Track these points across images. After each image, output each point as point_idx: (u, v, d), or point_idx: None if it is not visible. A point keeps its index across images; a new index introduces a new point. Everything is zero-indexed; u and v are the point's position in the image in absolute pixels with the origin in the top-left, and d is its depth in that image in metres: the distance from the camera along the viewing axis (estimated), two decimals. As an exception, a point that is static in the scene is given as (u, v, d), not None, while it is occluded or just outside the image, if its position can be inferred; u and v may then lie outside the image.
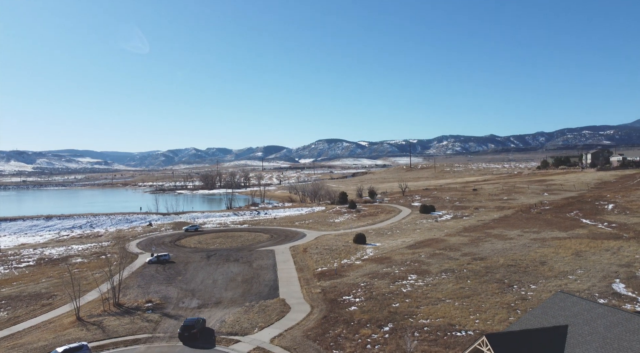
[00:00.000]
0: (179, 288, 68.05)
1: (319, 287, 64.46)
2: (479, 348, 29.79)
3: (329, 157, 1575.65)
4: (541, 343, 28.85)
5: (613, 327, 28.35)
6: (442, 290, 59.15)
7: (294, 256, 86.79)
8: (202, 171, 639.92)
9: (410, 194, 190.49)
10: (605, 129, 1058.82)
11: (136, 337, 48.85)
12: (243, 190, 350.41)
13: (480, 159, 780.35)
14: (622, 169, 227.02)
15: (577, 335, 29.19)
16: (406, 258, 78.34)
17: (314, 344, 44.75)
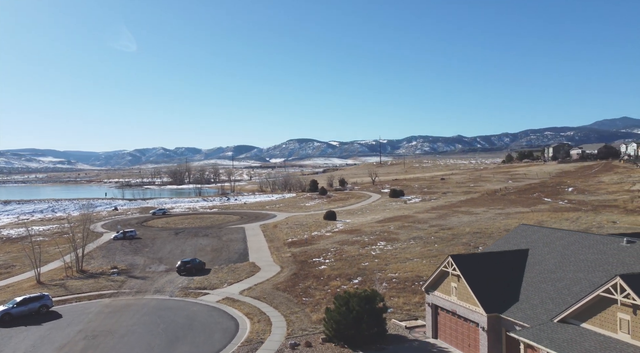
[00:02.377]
0: (146, 256, 66.69)
1: (289, 252, 64.44)
2: (445, 270, 30.51)
3: (300, 157, 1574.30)
4: (503, 262, 29.80)
5: (570, 245, 29.58)
6: (410, 252, 60.15)
7: (264, 231, 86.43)
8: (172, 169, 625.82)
9: (380, 184, 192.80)
10: (566, 130, 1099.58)
11: (101, 293, 47.62)
12: (213, 185, 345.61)
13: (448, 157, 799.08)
14: (581, 162, 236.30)
15: (537, 254, 30.31)
16: (376, 229, 79.24)
17: (284, 294, 44.71)
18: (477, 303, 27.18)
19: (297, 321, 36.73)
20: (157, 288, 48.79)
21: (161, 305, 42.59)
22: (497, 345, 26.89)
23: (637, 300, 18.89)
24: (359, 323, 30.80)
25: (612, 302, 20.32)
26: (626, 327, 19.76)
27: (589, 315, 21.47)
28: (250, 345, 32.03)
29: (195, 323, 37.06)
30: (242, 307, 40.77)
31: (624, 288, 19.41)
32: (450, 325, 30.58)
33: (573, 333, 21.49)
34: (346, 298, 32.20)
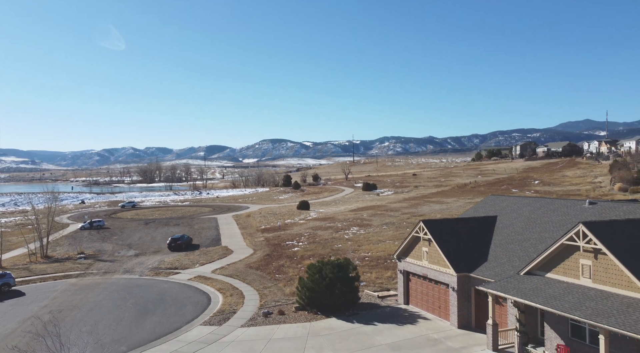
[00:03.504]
0: (114, 243, 65.02)
1: (262, 237, 64.07)
2: (416, 235, 30.96)
3: (273, 157, 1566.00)
4: (472, 227, 30.49)
5: (536, 210, 30.54)
6: (382, 236, 60.76)
7: (237, 220, 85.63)
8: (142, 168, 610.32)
9: (354, 180, 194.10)
10: (532, 132, 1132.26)
11: (67, 274, 46.17)
12: (185, 183, 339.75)
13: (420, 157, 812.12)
14: (547, 159, 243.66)
15: (505, 220, 31.15)
16: (349, 217, 79.70)
17: (257, 271, 44.42)
18: (447, 264, 27.71)
19: (270, 294, 36.56)
20: (127, 269, 47.67)
21: (130, 283, 41.65)
22: (466, 304, 27.47)
23: (598, 245, 19.64)
24: (332, 290, 30.92)
25: (575, 249, 21.07)
26: (588, 272, 20.52)
27: (553, 264, 22.19)
28: (222, 315, 31.68)
29: (166, 298, 36.40)
30: (215, 284, 40.30)
31: (586, 234, 20.16)
32: (422, 290, 31.05)
33: (538, 283, 22.17)
34: (319, 267, 32.27)
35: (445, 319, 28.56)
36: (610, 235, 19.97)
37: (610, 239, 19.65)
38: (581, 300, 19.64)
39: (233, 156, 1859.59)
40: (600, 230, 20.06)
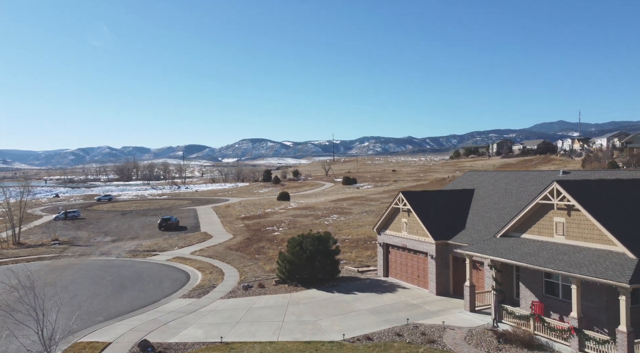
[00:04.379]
0: (90, 231, 63.70)
1: (242, 224, 63.71)
2: (396, 207, 31.27)
3: (253, 156, 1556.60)
4: (451, 199, 30.97)
5: (512, 182, 31.20)
6: (362, 222, 61.09)
7: (216, 210, 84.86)
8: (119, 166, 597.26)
9: (334, 175, 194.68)
10: (508, 132, 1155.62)
11: (40, 256, 45.02)
12: (163, 181, 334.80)
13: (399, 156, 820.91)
14: (522, 156, 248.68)
15: (483, 192, 31.73)
16: (329, 206, 79.88)
17: (237, 252, 44.16)
18: (426, 233, 28.06)
19: (250, 271, 36.39)
20: (103, 252, 46.80)
21: (107, 264, 40.89)
22: (445, 271, 27.88)
23: (571, 201, 20.19)
24: (312, 262, 30.96)
25: (549, 208, 21.60)
26: (561, 229, 21.06)
27: (528, 225, 22.70)
28: (202, 289, 31.39)
29: (143, 276, 35.86)
30: (194, 263, 39.90)
31: (560, 192, 20.69)
32: (401, 261, 31.38)
33: (514, 243, 22.66)
34: (299, 240, 32.30)
35: (424, 288, 28.92)
36: (582, 192, 20.56)
37: (583, 195, 20.22)
38: (555, 255, 20.16)
39: (212, 156, 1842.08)
40: (574, 188, 20.62)
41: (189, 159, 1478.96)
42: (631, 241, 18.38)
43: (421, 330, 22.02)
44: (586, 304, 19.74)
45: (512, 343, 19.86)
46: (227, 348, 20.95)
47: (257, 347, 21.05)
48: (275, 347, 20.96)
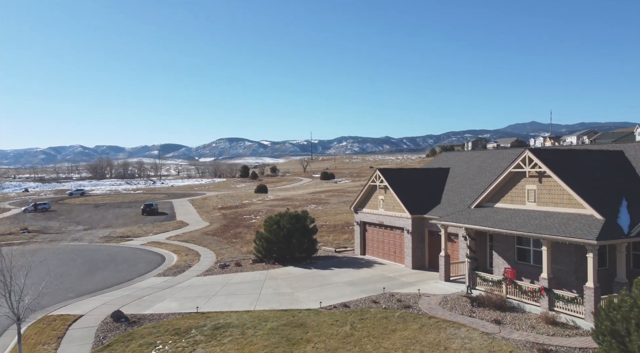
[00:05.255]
0: (61, 221, 62.07)
1: (219, 213, 63.13)
2: (373, 184, 31.51)
3: (230, 156, 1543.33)
4: (426, 176, 31.40)
5: (486, 160, 31.81)
6: (340, 210, 61.33)
7: (193, 203, 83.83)
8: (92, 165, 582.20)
9: (312, 171, 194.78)
10: (483, 133, 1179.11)
11: (9, 242, 43.60)
12: (138, 179, 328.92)
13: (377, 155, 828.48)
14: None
15: (458, 170, 32.27)
16: (307, 197, 79.91)
17: (213, 237, 43.72)
18: (403, 208, 28.36)
19: (227, 253, 36.07)
20: (75, 238, 45.69)
21: (79, 248, 39.95)
22: (421, 245, 28.24)
23: (542, 168, 20.71)
24: (290, 240, 30.90)
25: (521, 176, 22.10)
26: (533, 196, 21.60)
27: (501, 195, 23.18)
28: (178, 269, 30.98)
29: (117, 258, 35.15)
30: (169, 247, 39.32)
31: (532, 159, 21.20)
32: (378, 238, 31.62)
33: (488, 212, 23.11)
34: (277, 219, 32.18)
35: (400, 263, 29.23)
36: (553, 159, 21.13)
37: (553, 162, 20.78)
38: (527, 220, 20.65)
39: (189, 155, 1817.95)
40: (545, 155, 21.17)
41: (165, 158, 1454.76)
42: (598, 204, 18.98)
43: (397, 297, 22.26)
44: (556, 267, 20.29)
45: (485, 306, 20.26)
46: (203, 317, 20.74)
47: (234, 315, 20.90)
48: (252, 314, 20.85)
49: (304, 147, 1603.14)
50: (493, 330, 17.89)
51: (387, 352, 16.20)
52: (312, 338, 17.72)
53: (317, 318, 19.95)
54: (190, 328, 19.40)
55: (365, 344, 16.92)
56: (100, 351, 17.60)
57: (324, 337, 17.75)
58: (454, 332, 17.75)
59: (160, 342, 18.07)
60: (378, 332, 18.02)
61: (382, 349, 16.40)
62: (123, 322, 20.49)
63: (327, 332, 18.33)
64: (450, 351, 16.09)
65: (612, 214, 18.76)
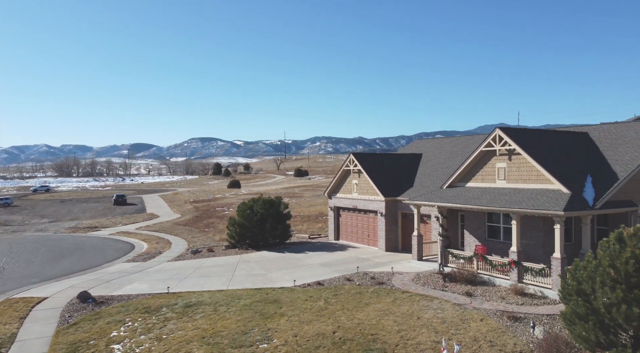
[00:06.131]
0: (24, 215, 59.77)
1: (191, 206, 62.13)
2: (347, 169, 31.58)
3: (203, 156, 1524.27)
4: (399, 161, 31.69)
5: (457, 145, 32.34)
6: (314, 203, 61.30)
7: (163, 197, 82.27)
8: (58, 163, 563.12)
9: (285, 169, 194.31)
10: (454, 134, 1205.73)
11: (-33, 234, 41.71)
12: (106, 177, 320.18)
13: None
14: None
15: (430, 155, 32.70)
16: (281, 192, 79.42)
17: (185, 227, 42.97)
18: (376, 191, 28.53)
19: (199, 241, 35.47)
20: (39, 229, 44.06)
21: (43, 237, 38.54)
22: (394, 228, 28.47)
23: (512, 145, 21.19)
24: (263, 225, 30.64)
25: (492, 155, 22.55)
26: (503, 174, 22.07)
27: (472, 174, 23.60)
28: (148, 255, 30.26)
29: (84, 247, 34.06)
30: (139, 237, 38.39)
31: (502, 137, 21.66)
32: (351, 223, 31.71)
33: (459, 191, 23.49)
34: (250, 204, 31.89)
35: (373, 246, 29.40)
36: (522, 137, 21.65)
37: (523, 140, 21.30)
38: (497, 196, 21.09)
39: (160, 155, 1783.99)
40: (514, 133, 21.67)
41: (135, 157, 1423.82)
42: (565, 179, 19.54)
43: (370, 275, 22.36)
44: (525, 242, 20.78)
45: (457, 281, 20.57)
46: (175, 296, 20.31)
47: (206, 294, 20.55)
48: (225, 293, 20.55)
49: (278, 147, 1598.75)
50: (464, 301, 18.17)
51: (361, 322, 16.22)
52: (286, 312, 17.58)
53: (291, 295, 19.82)
54: (161, 306, 18.96)
55: (340, 316, 16.90)
56: (65, 329, 16.97)
57: (298, 311, 17.64)
58: (427, 304, 17.94)
59: (129, 319, 17.57)
60: (352, 306, 18.04)
61: (356, 320, 16.41)
62: (90, 302, 19.84)
63: (301, 306, 18.23)
64: (423, 320, 16.24)
65: (578, 188, 19.36)
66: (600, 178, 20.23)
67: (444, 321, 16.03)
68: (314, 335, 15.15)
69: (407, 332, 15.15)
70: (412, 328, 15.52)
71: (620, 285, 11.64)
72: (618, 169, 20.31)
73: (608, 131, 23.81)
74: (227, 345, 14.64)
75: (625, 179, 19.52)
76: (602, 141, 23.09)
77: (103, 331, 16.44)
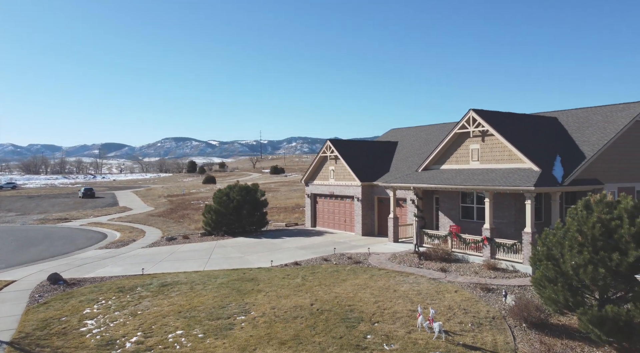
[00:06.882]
0: (-10, 209, 57.64)
1: (165, 200, 61.15)
2: (323, 155, 31.69)
3: (177, 155, 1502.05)
4: (376, 148, 32.03)
5: (433, 133, 32.87)
6: (291, 196, 61.28)
7: (136, 193, 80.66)
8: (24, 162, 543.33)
9: (262, 168, 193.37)
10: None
11: None
12: (76, 174, 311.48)
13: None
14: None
15: (405, 143, 33.15)
16: (257, 187, 79.16)
17: (159, 218, 42.30)
18: (353, 177, 28.74)
19: (174, 230, 34.96)
20: (6, 221, 42.58)
21: (10, 228, 37.32)
22: (370, 213, 28.74)
23: (485, 126, 21.71)
24: (240, 212, 30.47)
25: (466, 137, 23.06)
26: (476, 156, 22.59)
27: (447, 157, 24.06)
28: (121, 242, 29.64)
29: (54, 236, 33.12)
30: (111, 227, 37.55)
31: (475, 119, 22.17)
32: (328, 209, 31.85)
33: (434, 173, 23.91)
34: (226, 191, 31.66)
35: (350, 231, 29.60)
36: (495, 118, 22.21)
37: (495, 121, 21.87)
38: (470, 176, 21.57)
39: (132, 155, 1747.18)
40: (488, 115, 22.21)
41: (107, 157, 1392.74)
42: (536, 158, 20.15)
43: (347, 256, 22.53)
44: (497, 221, 21.33)
45: (432, 259, 20.94)
46: (150, 277, 20.00)
47: (182, 275, 20.32)
48: (201, 274, 20.36)
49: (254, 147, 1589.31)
50: (439, 276, 18.53)
51: (338, 295, 16.34)
52: (264, 288, 17.55)
53: (269, 274, 19.80)
54: (136, 286, 18.64)
55: (317, 291, 16.98)
56: (36, 308, 16.50)
57: (276, 287, 17.64)
58: (403, 279, 18.21)
59: (103, 298, 17.21)
60: (329, 282, 18.15)
61: (334, 294, 16.53)
62: (61, 284, 19.34)
63: (279, 283, 18.23)
64: (399, 292, 16.48)
65: (548, 167, 19.99)
66: (569, 158, 20.94)
67: (420, 293, 16.31)
68: (292, 307, 15.19)
69: (383, 303, 15.36)
70: (388, 299, 15.73)
71: (587, 248, 12.08)
72: (585, 149, 21.06)
73: (576, 115, 24.66)
74: (204, 318, 14.53)
75: (592, 158, 20.27)
76: (571, 125, 23.90)
77: (75, 309, 16.06)
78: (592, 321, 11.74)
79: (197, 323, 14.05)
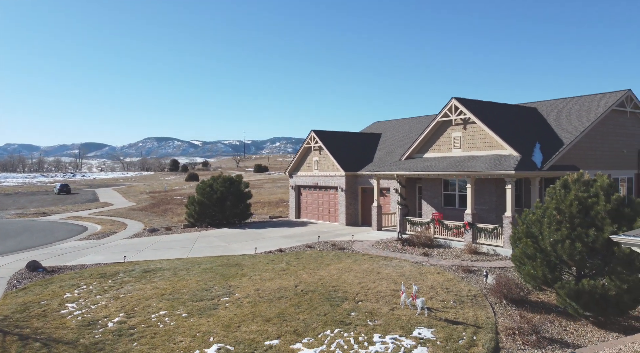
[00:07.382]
0: (-35, 205, 56.14)
1: (147, 196, 60.43)
2: (308, 146, 31.75)
3: (159, 156, 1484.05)
4: (360, 140, 32.22)
5: (415, 125, 33.22)
6: (275, 192, 61.31)
7: (118, 190, 79.56)
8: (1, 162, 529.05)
9: (245, 167, 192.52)
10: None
11: None
12: (55, 173, 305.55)
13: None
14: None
15: (389, 134, 33.44)
16: (240, 184, 78.80)
17: (141, 212, 41.80)
18: (337, 167, 28.87)
19: (156, 223, 34.59)
20: (-18, 216, 41.56)
21: (-13, 223, 36.37)
22: (354, 203, 28.90)
23: (467, 114, 22.05)
24: (224, 203, 30.32)
25: (448, 125, 23.37)
26: (458, 143, 22.93)
27: (429, 146, 24.36)
28: (103, 234, 29.22)
29: (32, 229, 32.45)
30: (92, 220, 36.96)
31: (458, 107, 22.51)
32: (312, 200, 31.92)
33: (417, 162, 24.19)
34: (210, 182, 31.49)
35: (334, 222, 29.72)
36: (476, 106, 22.59)
37: (477, 109, 22.24)
38: (452, 164, 21.89)
39: (113, 155, 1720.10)
40: (469, 104, 22.57)
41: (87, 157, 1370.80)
42: (516, 144, 20.55)
43: (331, 243, 22.64)
44: (479, 207, 21.68)
45: (415, 245, 21.17)
46: (132, 264, 19.78)
47: (165, 261, 20.15)
48: (185, 260, 20.23)
49: (237, 147, 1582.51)
50: (422, 260, 18.76)
51: (322, 277, 16.42)
52: (248, 273, 17.53)
53: (253, 260, 19.79)
54: (118, 272, 18.42)
55: (302, 274, 17.04)
56: (14, 293, 16.18)
57: (260, 272, 17.64)
58: (386, 263, 18.39)
59: (84, 283, 16.96)
60: (313, 266, 18.22)
61: (318, 276, 16.60)
62: (41, 271, 18.98)
63: (263, 268, 18.23)
64: (383, 274, 16.64)
65: (528, 153, 20.41)
66: (548, 145, 21.40)
67: (403, 274, 16.49)
68: (276, 289, 15.21)
69: (367, 284, 15.49)
70: (372, 280, 15.88)
71: (565, 225, 12.39)
72: (564, 137, 21.56)
73: (555, 105, 25.22)
74: (188, 299, 14.45)
75: (570, 144, 20.76)
76: (550, 114, 24.43)
77: (55, 293, 15.80)
78: (569, 294, 12.06)
79: (181, 304, 13.97)
